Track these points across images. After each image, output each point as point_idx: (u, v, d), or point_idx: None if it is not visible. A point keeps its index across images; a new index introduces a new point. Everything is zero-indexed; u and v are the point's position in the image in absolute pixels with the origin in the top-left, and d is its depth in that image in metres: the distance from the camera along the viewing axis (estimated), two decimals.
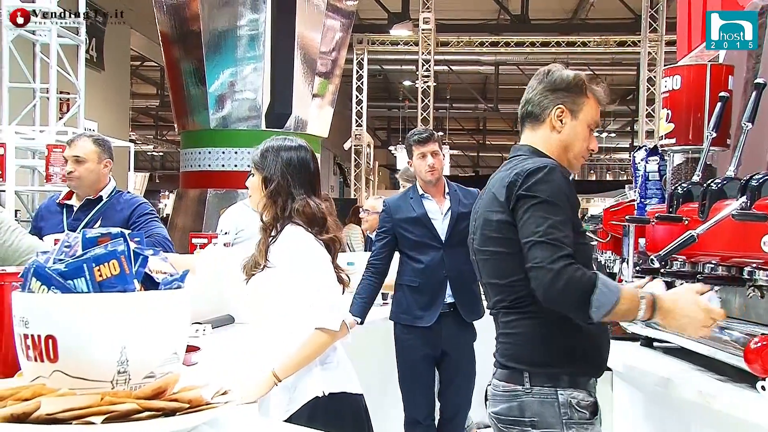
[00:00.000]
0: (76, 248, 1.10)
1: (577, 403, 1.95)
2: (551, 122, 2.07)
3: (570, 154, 2.08)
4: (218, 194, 9.46)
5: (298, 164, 2.37)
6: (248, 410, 2.06)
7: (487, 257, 2.04)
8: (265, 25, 9.24)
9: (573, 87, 2.07)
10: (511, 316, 2.01)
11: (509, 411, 1.99)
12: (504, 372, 2.03)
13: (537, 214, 1.88)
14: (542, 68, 2.15)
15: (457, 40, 17.73)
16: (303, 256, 2.28)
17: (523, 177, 1.92)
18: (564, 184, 1.94)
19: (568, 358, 1.97)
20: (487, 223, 2.03)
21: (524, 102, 2.13)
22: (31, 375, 1.03)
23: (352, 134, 18.68)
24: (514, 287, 1.97)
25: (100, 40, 15.22)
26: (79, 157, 3.38)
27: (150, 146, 27.84)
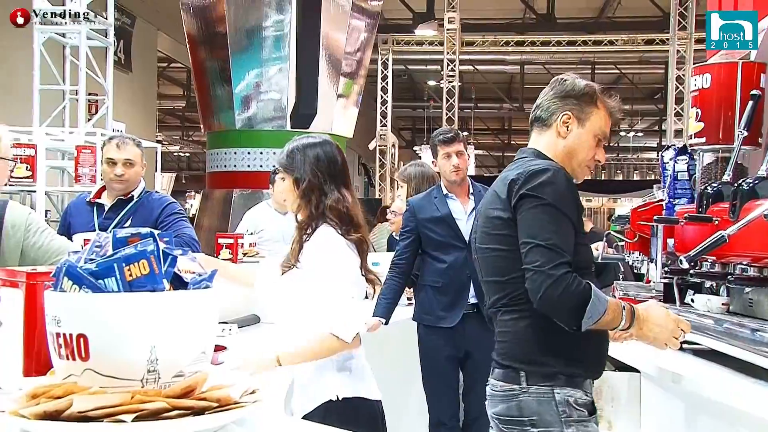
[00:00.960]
0: (106, 248, 1.11)
1: (575, 401, 1.96)
2: (557, 128, 2.07)
3: (574, 162, 2.08)
4: (244, 194, 9.52)
5: (326, 160, 2.34)
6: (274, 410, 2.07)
7: (487, 255, 2.05)
8: (291, 26, 9.28)
9: (583, 95, 2.07)
10: (509, 314, 2.01)
11: (508, 411, 1.99)
12: (501, 371, 2.03)
13: (539, 217, 1.89)
14: (558, 76, 2.16)
15: (482, 40, 17.67)
16: (329, 261, 2.25)
17: (526, 176, 1.93)
18: (568, 187, 1.94)
19: (566, 358, 1.96)
20: (488, 220, 2.04)
21: (535, 106, 2.15)
22: (63, 373, 1.04)
23: (377, 134, 18.71)
24: (512, 285, 1.97)
25: (128, 42, 15.40)
26: (130, 160, 3.42)
27: (176, 147, 28.10)
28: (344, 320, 2.22)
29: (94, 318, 1.02)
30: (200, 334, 1.09)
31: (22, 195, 6.12)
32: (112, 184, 3.45)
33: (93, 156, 6.12)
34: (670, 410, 2.63)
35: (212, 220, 9.90)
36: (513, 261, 1.94)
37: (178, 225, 3.40)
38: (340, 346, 2.23)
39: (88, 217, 3.44)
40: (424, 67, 21.33)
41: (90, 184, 5.92)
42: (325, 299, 2.22)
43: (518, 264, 1.91)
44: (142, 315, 1.03)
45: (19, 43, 10.14)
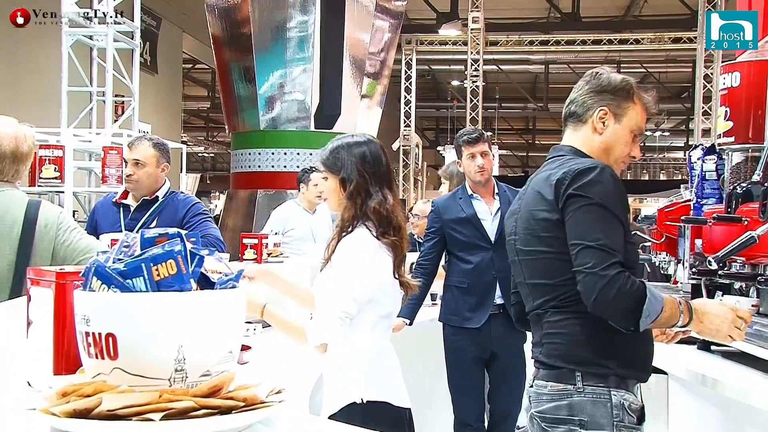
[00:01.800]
0: (134, 248, 1.12)
1: (629, 406, 1.93)
2: (593, 123, 2.04)
3: (610, 158, 2.04)
4: (268, 195, 9.57)
5: (372, 159, 2.29)
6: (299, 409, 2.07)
7: (533, 257, 2.02)
8: (315, 27, 9.31)
9: (619, 90, 2.05)
10: (560, 315, 1.97)
11: (557, 410, 1.96)
12: (551, 372, 1.99)
13: (588, 217, 1.86)
14: (592, 70, 2.13)
15: (506, 39, 17.60)
16: (350, 262, 2.21)
17: (572, 176, 1.90)
18: (615, 185, 1.91)
19: (617, 359, 1.94)
20: (533, 222, 2.00)
21: (569, 101, 2.12)
22: (92, 372, 1.05)
23: (400, 135, 18.71)
24: (564, 286, 1.94)
25: (153, 44, 15.56)
26: (138, 160, 3.43)
27: (201, 148, 28.31)
28: (322, 326, 2.16)
29: (122, 317, 1.03)
30: (227, 333, 1.10)
31: (50, 195, 6.20)
32: (126, 184, 3.52)
33: (119, 157, 6.18)
34: (698, 413, 2.60)
35: (237, 220, 9.95)
36: (563, 263, 1.91)
37: (203, 225, 3.43)
38: (303, 340, 2.19)
39: (115, 217, 3.48)
40: (448, 67, 21.29)
41: (116, 185, 5.98)
42: (332, 297, 2.19)
43: (568, 266, 1.89)
44: (169, 315, 1.04)
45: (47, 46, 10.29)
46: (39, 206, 2.57)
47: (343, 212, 2.29)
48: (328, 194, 2.33)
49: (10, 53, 11.37)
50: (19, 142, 2.56)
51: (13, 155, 2.54)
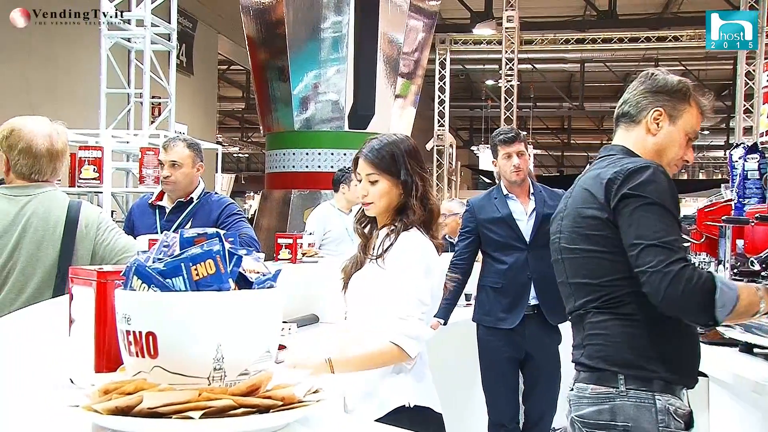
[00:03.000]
0: (174, 248, 1.13)
1: (675, 411, 1.87)
2: (647, 124, 2.01)
3: (663, 160, 1.99)
4: (302, 195, 9.62)
5: (417, 156, 2.26)
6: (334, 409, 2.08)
7: (578, 256, 1.98)
8: (349, 27, 9.33)
9: (676, 92, 2.01)
10: (603, 317, 1.93)
11: (599, 414, 1.90)
12: (593, 375, 1.94)
13: (646, 216, 1.82)
14: (647, 71, 2.09)
15: (541, 38, 17.45)
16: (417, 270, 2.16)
17: (624, 175, 1.86)
18: (669, 184, 1.87)
19: (663, 363, 1.88)
20: (580, 220, 1.96)
21: (621, 102, 2.08)
22: (133, 370, 1.07)
23: (434, 134, 18.67)
24: (608, 287, 1.90)
25: (189, 46, 15.74)
26: (175, 161, 3.46)
27: (236, 148, 28.57)
28: (413, 334, 2.11)
29: (162, 316, 1.04)
30: (265, 333, 1.10)
31: (89, 196, 6.30)
32: (162, 186, 3.53)
33: (156, 157, 6.26)
34: (740, 417, 2.55)
35: (271, 220, 10.02)
36: (609, 263, 1.89)
37: (237, 225, 3.45)
38: (399, 359, 2.13)
39: (151, 219, 3.51)
40: (482, 67, 21.19)
41: (153, 185, 6.06)
42: (400, 306, 2.13)
43: (615, 266, 1.87)
44: (208, 314, 1.04)
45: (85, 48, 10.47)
46: (80, 207, 2.61)
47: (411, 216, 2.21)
48: (379, 197, 2.23)
49: (50, 56, 11.60)
50: (53, 140, 2.60)
51: (49, 153, 2.58)
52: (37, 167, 2.56)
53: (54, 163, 2.60)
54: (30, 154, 2.54)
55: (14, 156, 2.56)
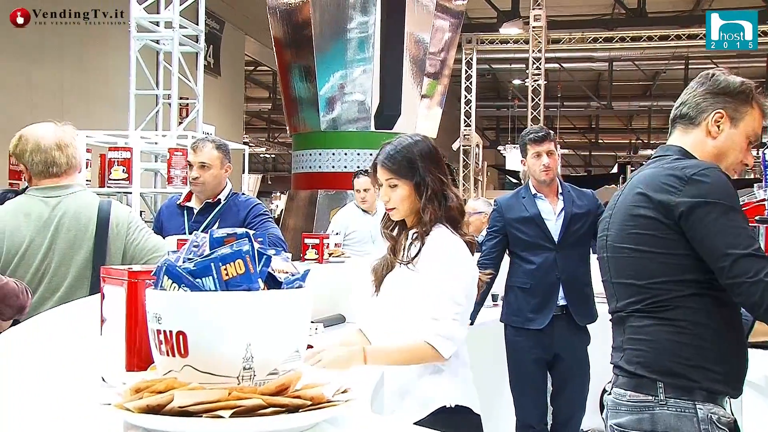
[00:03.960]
0: (203, 248, 1.14)
1: (718, 420, 1.82)
2: (707, 127, 1.94)
3: (723, 164, 1.93)
4: (328, 195, 9.65)
5: (433, 156, 2.25)
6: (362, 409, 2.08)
7: (624, 255, 1.93)
8: (375, 27, 9.35)
9: (738, 93, 1.95)
10: (645, 320, 1.88)
11: (639, 424, 1.85)
12: (631, 381, 1.89)
13: (732, 224, 1.77)
14: (706, 71, 2.03)
15: (569, 37, 17.34)
16: (449, 268, 2.15)
17: (686, 181, 1.82)
18: (731, 187, 1.83)
19: (707, 373, 1.83)
20: (631, 218, 1.91)
21: (679, 103, 2.01)
22: (164, 369, 1.08)
23: (460, 134, 18.63)
24: (653, 290, 1.86)
25: (216, 47, 15.87)
26: (204, 163, 3.47)
27: (262, 149, 28.74)
28: (447, 334, 2.09)
29: (192, 316, 1.05)
30: (294, 332, 1.10)
31: (119, 196, 6.38)
32: (191, 187, 3.54)
33: (184, 158, 6.31)
34: None
35: (298, 220, 10.07)
36: (657, 264, 1.85)
37: (264, 226, 3.46)
38: (432, 358, 2.11)
39: (179, 219, 3.53)
40: (509, 66, 21.08)
41: (181, 186, 6.11)
42: (433, 306, 2.12)
43: (662, 268, 1.84)
44: (238, 313, 1.05)
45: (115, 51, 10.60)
46: (110, 206, 2.65)
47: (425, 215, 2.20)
48: (400, 201, 2.23)
49: (81, 59, 11.76)
50: (59, 136, 2.65)
51: (58, 146, 2.63)
52: (50, 160, 2.61)
53: (66, 154, 2.64)
54: (40, 150, 2.60)
55: (27, 158, 2.61)
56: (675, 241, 1.83)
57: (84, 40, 11.32)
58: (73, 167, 2.68)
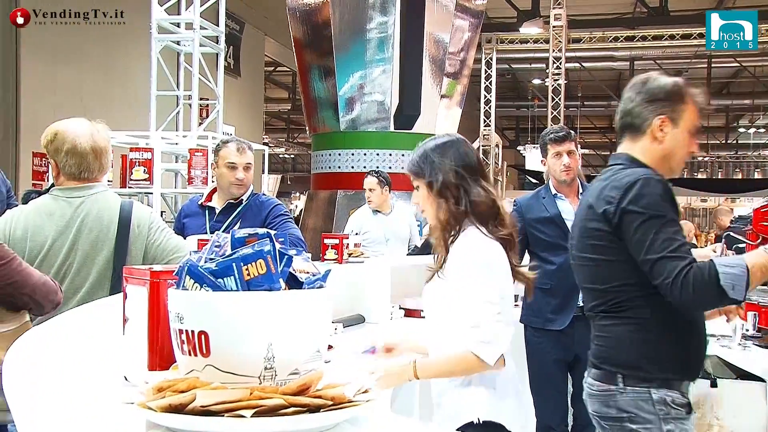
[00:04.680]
0: (225, 248, 1.14)
1: (672, 401, 2.03)
2: (653, 133, 2.09)
3: (672, 162, 2.12)
4: (348, 195, 9.66)
5: (454, 151, 2.17)
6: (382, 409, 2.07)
7: (585, 264, 2.14)
8: (394, 27, 9.34)
9: (673, 95, 2.09)
10: (607, 320, 2.10)
11: (607, 410, 2.10)
12: (598, 372, 2.13)
13: (649, 231, 1.95)
14: (638, 77, 2.19)
15: (589, 36, 17.22)
16: (476, 272, 2.06)
17: (621, 192, 2.00)
18: (662, 192, 1.99)
19: (662, 364, 2.04)
20: (585, 231, 2.12)
21: (623, 113, 2.17)
22: (186, 368, 1.08)
23: (480, 134, 18.57)
24: (611, 293, 2.07)
25: (236, 48, 15.95)
26: (250, 164, 3.50)
27: (282, 149, 28.83)
28: (488, 339, 2.02)
29: (214, 316, 1.05)
30: (315, 333, 1.11)
31: (140, 196, 6.43)
32: (231, 188, 3.48)
33: (205, 159, 6.36)
34: None
35: (317, 220, 10.09)
36: (611, 270, 2.05)
37: (285, 226, 3.47)
38: (479, 367, 2.04)
39: (201, 219, 3.53)
40: (529, 66, 20.99)
41: (202, 186, 6.15)
42: (469, 314, 2.05)
43: (617, 274, 2.04)
44: (259, 313, 1.05)
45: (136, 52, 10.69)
46: (131, 207, 2.66)
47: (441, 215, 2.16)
48: (423, 202, 2.20)
49: (103, 61, 11.87)
50: (95, 138, 2.67)
51: (93, 151, 2.64)
52: (84, 165, 2.62)
53: (100, 160, 2.66)
54: (76, 154, 2.61)
55: (61, 158, 2.62)
56: (619, 248, 2.02)
57: (107, 42, 11.42)
58: (104, 173, 2.71)
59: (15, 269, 2.23)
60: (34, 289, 2.25)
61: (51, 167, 2.71)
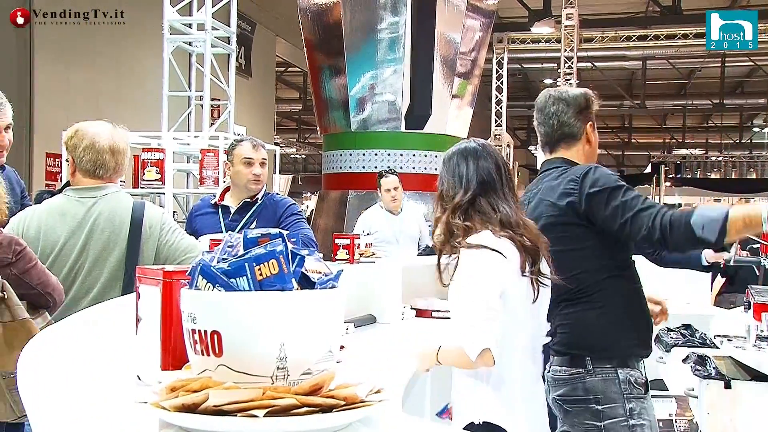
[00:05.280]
0: (237, 248, 1.15)
1: (635, 381, 2.26)
2: (586, 137, 2.45)
3: (595, 157, 2.50)
4: (359, 195, 9.66)
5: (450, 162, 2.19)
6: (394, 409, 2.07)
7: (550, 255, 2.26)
8: (405, 28, 9.34)
9: (586, 101, 2.48)
10: (571, 308, 2.29)
11: (574, 392, 2.26)
12: (565, 358, 2.30)
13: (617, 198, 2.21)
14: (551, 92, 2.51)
15: (601, 36, 17.15)
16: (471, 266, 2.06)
17: (580, 180, 2.27)
18: (611, 172, 2.34)
19: (620, 342, 2.28)
20: (548, 226, 2.26)
21: (557, 126, 2.44)
22: (198, 368, 1.08)
23: (491, 134, 18.53)
24: (574, 281, 2.23)
25: (248, 49, 15.98)
26: (265, 160, 3.52)
27: (293, 149, 28.88)
28: (472, 334, 1.99)
29: (227, 316, 1.05)
30: (327, 332, 1.11)
31: (152, 197, 6.45)
32: (248, 184, 3.47)
33: (216, 159, 6.38)
34: None
35: (328, 220, 10.10)
36: (574, 259, 2.26)
37: (297, 225, 3.47)
38: (467, 362, 2.02)
39: (214, 219, 3.53)
40: (540, 66, 20.94)
41: (213, 186, 6.17)
42: (462, 309, 2.06)
43: (579, 262, 2.26)
44: (272, 313, 1.05)
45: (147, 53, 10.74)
46: (143, 208, 2.67)
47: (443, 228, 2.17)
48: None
49: (115, 62, 11.93)
50: (116, 139, 2.69)
51: (111, 150, 2.67)
52: (100, 162, 2.64)
53: (116, 160, 2.68)
54: (93, 150, 2.63)
55: (79, 154, 2.64)
56: (583, 234, 2.27)
57: (118, 42, 11.48)
58: (119, 173, 2.73)
59: (41, 270, 2.32)
60: (54, 288, 2.33)
61: (68, 164, 2.74)
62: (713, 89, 21.93)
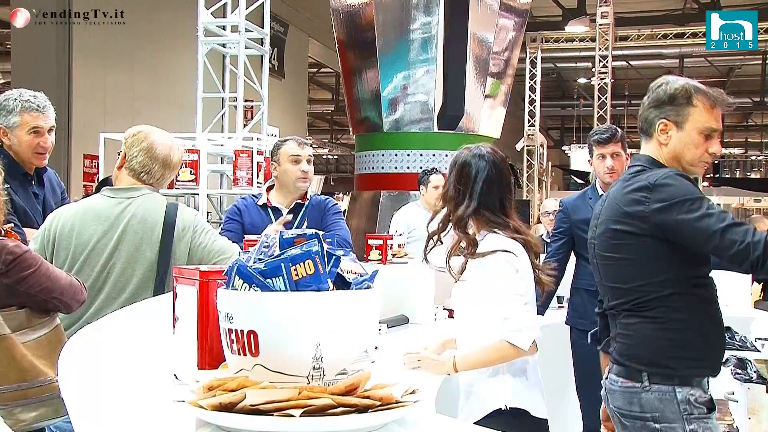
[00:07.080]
0: (274, 248, 1.15)
1: (695, 400, 2.08)
2: (657, 137, 2.17)
3: (683, 162, 2.16)
4: (391, 196, 9.65)
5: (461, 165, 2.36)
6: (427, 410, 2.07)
7: (610, 263, 2.18)
8: (438, 28, 9.31)
9: (678, 98, 2.14)
10: (631, 318, 2.15)
11: (630, 407, 2.13)
12: (622, 369, 2.17)
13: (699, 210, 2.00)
14: (657, 80, 2.25)
15: (637, 34, 16.94)
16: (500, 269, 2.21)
17: (650, 191, 2.06)
18: (687, 181, 2.08)
19: (684, 361, 2.10)
20: (610, 231, 2.15)
21: (639, 118, 2.25)
22: (235, 367, 1.09)
23: (524, 134, 18.43)
24: (636, 292, 2.11)
25: (281, 50, 16.09)
26: (311, 157, 3.50)
27: (325, 150, 28.99)
28: (519, 327, 2.15)
29: (263, 316, 1.06)
30: (362, 333, 1.11)
31: (186, 198, 6.51)
32: (297, 182, 3.43)
33: (249, 160, 6.42)
34: None
35: (360, 221, 10.11)
36: (637, 270, 2.11)
37: (338, 225, 3.47)
38: (514, 354, 2.18)
39: (266, 220, 3.47)
40: (574, 65, 20.72)
41: (247, 187, 6.21)
42: (498, 308, 2.19)
43: (642, 273, 2.10)
44: (308, 314, 1.06)
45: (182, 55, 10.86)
46: (177, 209, 2.69)
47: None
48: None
49: (151, 64, 12.08)
50: (172, 152, 2.72)
51: (164, 161, 2.69)
52: (149, 168, 2.67)
53: (164, 171, 2.71)
54: (148, 155, 2.67)
55: (133, 152, 2.68)
56: (649, 247, 2.08)
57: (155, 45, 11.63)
58: (161, 185, 2.76)
59: (44, 275, 2.26)
60: (62, 291, 2.29)
61: (119, 157, 2.74)
62: (753, 87, 21.53)
